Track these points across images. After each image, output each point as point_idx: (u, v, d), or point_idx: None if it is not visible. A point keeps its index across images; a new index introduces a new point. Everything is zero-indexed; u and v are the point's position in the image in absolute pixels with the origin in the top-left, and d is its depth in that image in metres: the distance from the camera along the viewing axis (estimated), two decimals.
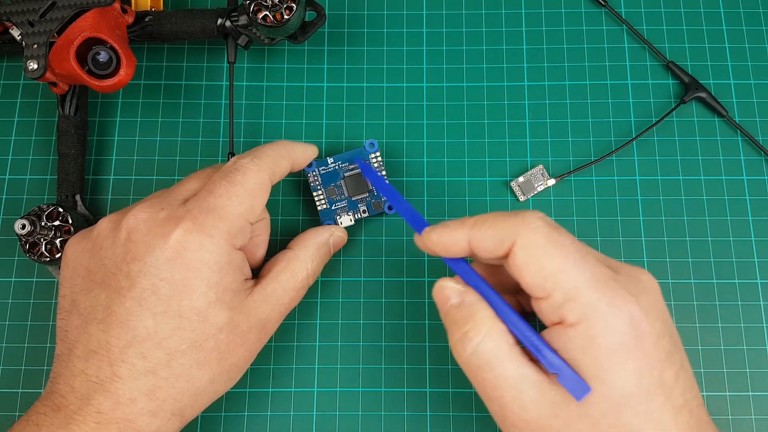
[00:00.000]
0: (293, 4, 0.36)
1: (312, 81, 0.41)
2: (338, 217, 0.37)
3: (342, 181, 0.38)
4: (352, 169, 0.38)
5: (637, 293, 0.26)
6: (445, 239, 0.29)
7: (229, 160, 0.38)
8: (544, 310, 0.26)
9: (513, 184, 0.39)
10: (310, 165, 0.37)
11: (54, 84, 0.36)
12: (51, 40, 0.35)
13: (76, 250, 0.31)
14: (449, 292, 0.28)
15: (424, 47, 0.42)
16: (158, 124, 0.41)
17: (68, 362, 0.29)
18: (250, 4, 0.36)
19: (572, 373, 0.25)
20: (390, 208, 0.37)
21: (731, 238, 0.38)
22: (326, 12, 0.40)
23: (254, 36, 0.38)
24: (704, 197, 0.39)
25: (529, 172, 0.39)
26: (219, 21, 0.38)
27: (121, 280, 0.28)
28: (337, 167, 0.38)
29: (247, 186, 0.30)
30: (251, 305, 0.30)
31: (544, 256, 0.26)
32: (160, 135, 0.41)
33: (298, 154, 0.34)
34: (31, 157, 0.40)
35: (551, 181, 0.39)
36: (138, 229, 0.29)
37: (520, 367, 0.26)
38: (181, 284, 0.28)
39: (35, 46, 0.34)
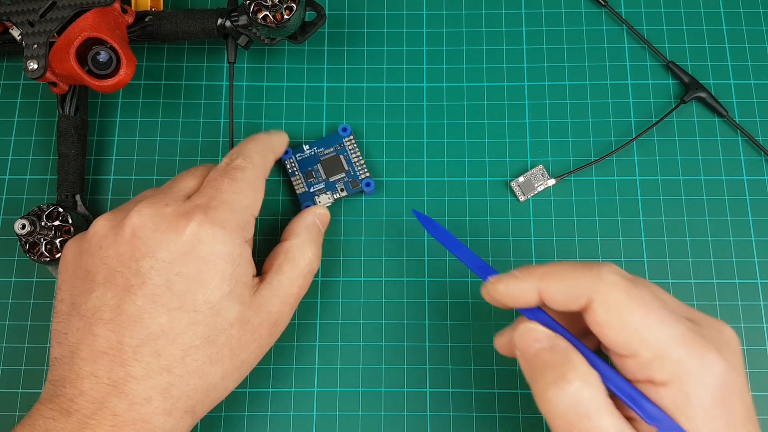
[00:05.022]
0: (293, 4, 0.36)
1: (312, 81, 0.41)
2: (317, 198, 0.38)
3: (319, 165, 0.39)
4: (328, 153, 0.39)
5: (722, 347, 0.25)
6: (513, 290, 0.28)
7: None
8: (628, 367, 0.25)
9: (513, 184, 0.39)
10: (286, 153, 0.39)
11: (54, 84, 0.36)
12: (51, 40, 0.35)
13: (74, 252, 0.31)
14: (539, 335, 0.27)
15: (424, 47, 0.42)
16: (158, 124, 0.41)
17: (72, 365, 0.28)
18: (250, 4, 0.36)
19: (673, 423, 0.24)
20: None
21: (731, 238, 0.38)
22: (326, 12, 0.40)
23: (254, 36, 0.38)
24: (704, 197, 0.39)
25: (529, 172, 0.39)
26: (219, 21, 0.38)
27: (130, 278, 0.28)
28: (313, 152, 0.39)
29: (249, 181, 0.31)
30: (260, 300, 0.30)
31: (627, 314, 0.25)
32: (160, 135, 0.41)
33: (276, 144, 0.35)
34: (31, 157, 0.40)
35: (551, 181, 0.39)
36: (145, 226, 0.29)
37: (617, 420, 0.25)
38: (195, 278, 0.28)
39: (35, 46, 0.34)
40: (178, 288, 0.28)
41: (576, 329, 0.28)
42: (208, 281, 0.28)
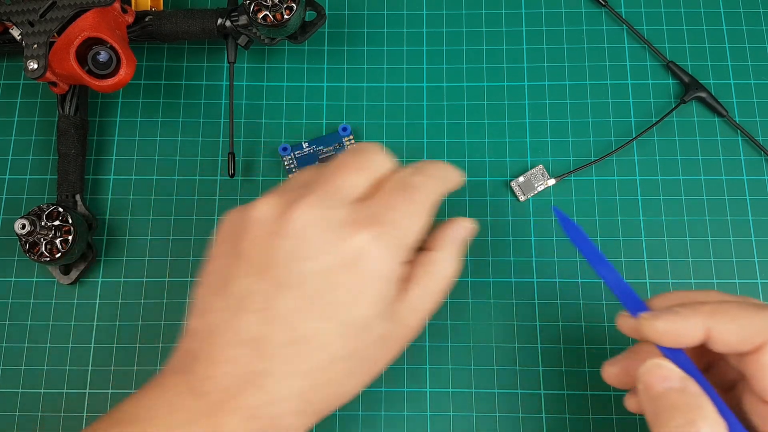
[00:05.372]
0: (293, 4, 0.36)
1: (312, 81, 0.41)
2: None
3: (317, 163, 0.39)
4: (327, 152, 0.39)
5: None
6: (678, 329, 0.26)
7: (228, 160, 0.38)
8: (765, 414, 0.25)
9: (513, 184, 0.39)
10: (285, 149, 0.39)
11: (54, 84, 0.36)
12: (51, 40, 0.35)
13: (234, 228, 0.29)
14: (670, 374, 0.26)
15: (424, 47, 0.42)
16: (158, 124, 0.41)
17: (210, 345, 0.27)
18: (250, 4, 0.36)
19: None
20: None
21: (731, 238, 0.38)
22: (326, 12, 0.40)
23: (254, 36, 0.38)
24: (704, 197, 0.39)
25: (529, 172, 0.39)
26: (219, 21, 0.38)
27: (288, 276, 0.27)
28: (311, 151, 0.39)
29: (422, 205, 0.29)
30: (400, 315, 0.29)
31: None
32: (160, 135, 0.41)
33: (452, 177, 0.32)
34: (31, 157, 0.40)
35: (551, 181, 0.39)
36: (313, 225, 0.28)
37: None
38: (354, 292, 0.27)
39: (35, 46, 0.34)
40: (334, 297, 0.27)
41: (719, 380, 0.28)
42: (366, 297, 0.27)
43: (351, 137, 0.40)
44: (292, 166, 0.39)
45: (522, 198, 0.39)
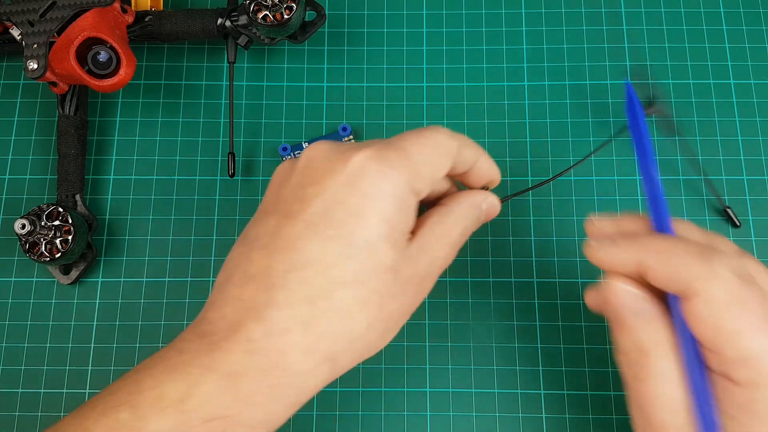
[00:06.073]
0: (293, 4, 0.36)
1: (312, 81, 0.41)
2: None
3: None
4: None
5: None
6: (612, 260, 0.26)
7: (228, 160, 0.38)
8: (709, 358, 0.25)
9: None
10: (284, 149, 0.39)
11: (54, 84, 0.36)
12: (51, 39, 0.35)
13: (274, 180, 0.30)
14: (627, 294, 0.26)
15: (424, 47, 0.42)
16: (158, 124, 0.41)
17: (223, 289, 0.27)
18: (250, 4, 0.36)
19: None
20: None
21: (731, 238, 0.38)
22: (326, 12, 0.40)
23: (254, 36, 0.38)
24: (704, 197, 0.39)
25: None
26: (219, 21, 0.38)
27: (294, 205, 0.27)
28: None
29: (436, 141, 0.28)
30: (411, 253, 0.28)
31: (727, 316, 0.24)
32: (160, 135, 0.41)
33: (484, 164, 0.31)
34: (31, 157, 0.40)
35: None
36: (318, 157, 0.28)
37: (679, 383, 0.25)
38: (355, 210, 0.26)
39: (35, 45, 0.34)
40: (336, 217, 0.26)
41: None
42: (367, 217, 0.26)
43: (351, 137, 0.40)
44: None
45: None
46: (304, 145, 0.39)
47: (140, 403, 0.24)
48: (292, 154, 0.39)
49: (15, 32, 0.36)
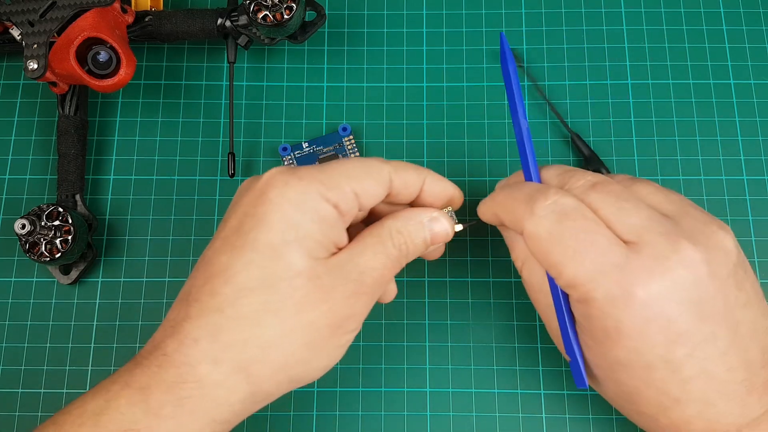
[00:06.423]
0: (293, 4, 0.36)
1: (312, 81, 0.41)
2: None
3: (316, 163, 0.39)
4: (326, 152, 0.39)
5: (643, 282, 0.26)
6: (484, 212, 0.31)
7: (228, 160, 0.38)
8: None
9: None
10: (285, 149, 0.39)
11: (54, 84, 0.36)
12: (51, 40, 0.35)
13: None
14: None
15: (424, 47, 0.42)
16: (158, 124, 0.41)
17: (163, 320, 0.28)
18: (250, 4, 0.36)
19: (579, 368, 0.28)
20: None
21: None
22: (326, 12, 0.40)
23: (254, 36, 0.38)
24: (704, 197, 0.39)
25: None
26: (219, 21, 0.38)
27: (221, 226, 0.28)
28: (311, 151, 0.39)
29: (364, 162, 0.29)
30: (336, 261, 0.28)
31: (547, 250, 0.27)
32: (160, 135, 0.41)
33: (434, 185, 0.31)
34: (31, 157, 0.40)
35: (458, 227, 0.32)
36: (244, 182, 0.29)
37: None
38: (260, 217, 0.27)
39: (35, 46, 0.34)
40: (244, 228, 0.27)
41: None
42: (271, 222, 0.27)
43: (351, 137, 0.40)
44: (292, 166, 0.39)
45: None
46: (304, 145, 0.40)
47: (65, 421, 0.26)
48: (291, 154, 0.39)
49: (15, 32, 0.36)
